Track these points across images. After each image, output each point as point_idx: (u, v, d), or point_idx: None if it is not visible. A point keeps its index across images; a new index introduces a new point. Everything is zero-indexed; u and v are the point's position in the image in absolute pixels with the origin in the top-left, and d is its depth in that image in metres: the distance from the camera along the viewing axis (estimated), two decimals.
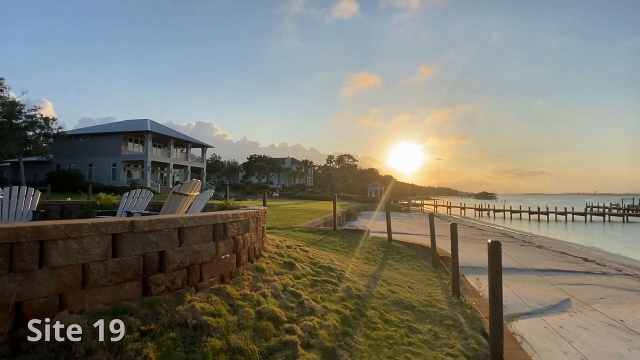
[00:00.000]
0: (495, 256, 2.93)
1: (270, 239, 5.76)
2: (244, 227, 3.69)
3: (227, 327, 2.57)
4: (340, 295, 3.88)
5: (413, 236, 17.99)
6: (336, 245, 7.80)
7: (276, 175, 75.38)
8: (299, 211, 21.97)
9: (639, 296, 10.01)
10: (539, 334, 6.70)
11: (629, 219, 43.22)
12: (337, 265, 5.14)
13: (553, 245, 20.05)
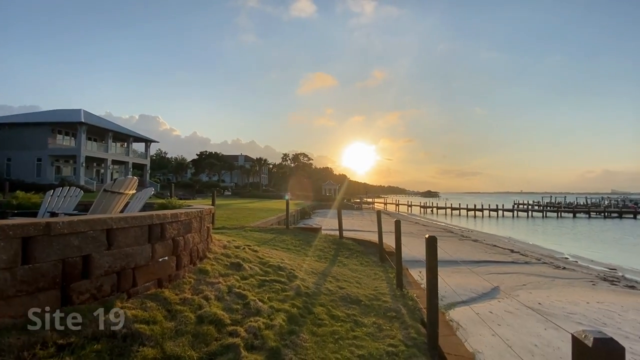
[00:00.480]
0: (431, 250, 3.13)
1: (218, 239, 5.54)
2: (185, 228, 3.48)
3: (162, 334, 2.40)
4: (289, 294, 3.86)
5: (364, 233, 18.62)
6: (288, 244, 7.76)
7: (228, 173, 72.81)
8: (251, 210, 21.47)
9: (553, 282, 11.46)
10: (472, 320, 7.32)
11: (547, 214, 49.73)
12: (288, 264, 5.11)
13: (486, 239, 22.19)
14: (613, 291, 10.41)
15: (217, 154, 73.69)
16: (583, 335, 1.00)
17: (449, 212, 52.67)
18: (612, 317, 7.70)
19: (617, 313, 8.01)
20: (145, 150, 43.98)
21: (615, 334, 6.71)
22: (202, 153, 71.60)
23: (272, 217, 17.02)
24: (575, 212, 50.21)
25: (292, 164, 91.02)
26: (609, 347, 0.95)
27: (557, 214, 49.54)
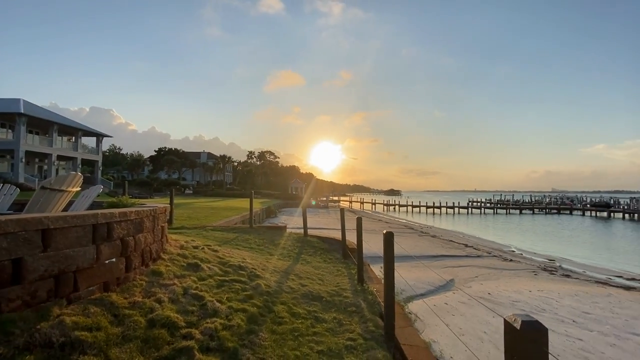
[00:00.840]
0: (388, 245, 3.24)
1: (174, 239, 5.28)
2: (136, 227, 3.27)
3: (107, 341, 2.23)
4: (249, 293, 3.78)
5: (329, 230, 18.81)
6: (251, 243, 7.61)
7: (190, 171, 69.84)
8: (214, 209, 20.78)
9: (501, 273, 12.39)
10: (429, 311, 7.69)
11: (498, 211, 53.77)
12: (249, 264, 5.01)
13: (443, 235, 23.47)
14: (552, 280, 11.50)
15: (178, 151, 70.34)
16: (513, 319, 1.08)
17: (410, 209, 54.96)
18: (550, 304, 8.50)
19: (554, 300, 8.85)
20: (97, 145, 40.75)
21: (552, 319, 7.43)
22: (161, 149, 67.92)
23: (236, 216, 16.60)
24: (521, 209, 54.92)
25: (258, 162, 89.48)
26: (534, 328, 1.04)
27: (506, 210, 53.83)
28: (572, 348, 5.94)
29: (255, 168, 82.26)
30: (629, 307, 8.26)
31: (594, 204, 51.91)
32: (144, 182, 52.90)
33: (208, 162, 70.89)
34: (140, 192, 40.84)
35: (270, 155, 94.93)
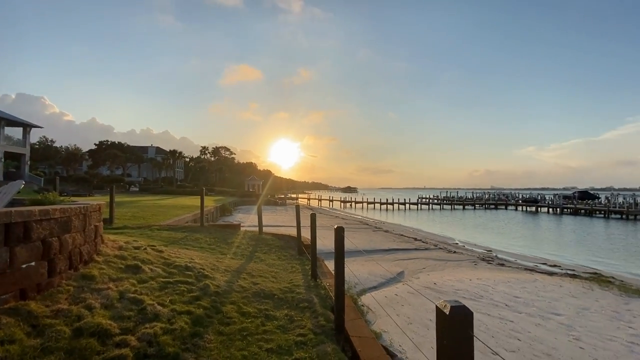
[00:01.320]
0: (339, 240, 3.28)
1: (113, 240, 4.83)
2: (62, 227, 2.92)
3: (22, 355, 1.96)
4: (196, 294, 3.59)
5: (286, 228, 18.70)
6: (201, 243, 7.27)
7: (136, 166, 64.84)
8: (163, 207, 19.54)
9: (446, 264, 13.32)
10: (381, 303, 7.99)
11: (444, 207, 57.83)
12: (198, 264, 4.76)
13: (395, 229, 24.61)
14: (489, 269, 12.62)
15: (122, 144, 64.86)
16: (443, 305, 1.13)
17: (365, 206, 56.80)
18: (487, 290, 9.32)
19: (490, 287, 9.72)
20: (24, 136, 35.98)
21: (488, 304, 8.16)
22: (103, 142, 62.07)
23: (187, 214, 15.76)
24: (464, 204, 59.73)
25: (213, 158, 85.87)
26: (461, 312, 1.10)
27: (451, 206, 58.15)
28: (504, 329, 6.58)
29: (209, 164, 78.85)
30: (551, 291, 9.37)
31: (525, 200, 58.24)
32: (82, 178, 47.95)
33: (157, 158, 66.37)
34: (78, 190, 36.97)
35: (225, 151, 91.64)
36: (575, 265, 14.22)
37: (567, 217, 41.16)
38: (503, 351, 5.56)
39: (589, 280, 10.88)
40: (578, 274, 12.07)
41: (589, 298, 8.73)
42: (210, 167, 77.39)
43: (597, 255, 17.08)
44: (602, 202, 46.66)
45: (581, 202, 48.69)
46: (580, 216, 41.57)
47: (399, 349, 5.46)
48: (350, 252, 13.88)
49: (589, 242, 21.61)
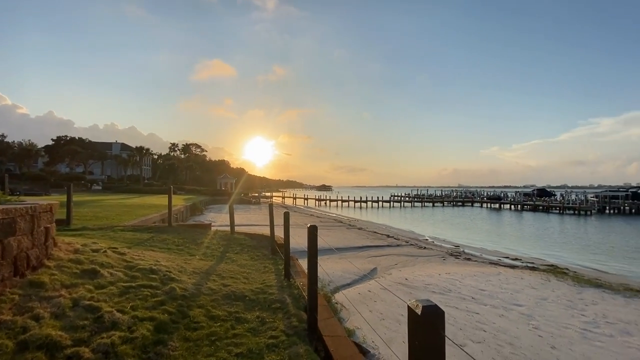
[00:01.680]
0: (312, 239, 3.22)
1: (69, 242, 4.46)
2: (4, 230, 2.62)
3: None
4: (161, 299, 3.39)
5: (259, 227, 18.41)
6: (169, 244, 6.94)
7: (99, 163, 61.15)
8: (128, 207, 18.55)
9: (417, 260, 13.69)
10: (354, 300, 8.05)
11: (415, 204, 59.71)
12: (164, 266, 4.52)
13: (369, 227, 25.02)
14: (457, 263, 13.14)
15: (83, 140, 60.87)
16: (415, 304, 1.10)
17: (340, 204, 57.33)
18: (454, 284, 9.68)
19: (458, 280, 10.11)
20: None
21: (456, 297, 8.47)
22: (62, 138, 57.89)
23: (155, 214, 15.04)
24: (434, 202, 62.10)
25: (183, 155, 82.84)
26: (433, 312, 1.07)
27: (421, 204, 60.20)
28: (471, 321, 6.85)
29: (179, 162, 75.97)
30: (513, 283, 9.90)
31: (489, 197, 61.52)
32: (37, 176, 44.45)
33: (122, 154, 62.92)
34: (32, 189, 34.22)
35: (196, 148, 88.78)
36: (534, 258, 15.17)
37: (527, 213, 43.96)
38: (470, 343, 5.78)
39: (547, 272, 11.63)
40: (537, 266, 12.87)
41: (547, 289, 9.32)
42: (180, 164, 74.57)
43: (553, 248, 18.34)
44: (558, 199, 50.24)
45: (539, 199, 52.14)
46: (538, 212, 44.56)
47: (372, 345, 5.51)
48: (325, 250, 13.92)
49: (546, 236, 23.17)
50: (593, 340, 5.95)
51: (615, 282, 10.51)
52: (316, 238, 3.22)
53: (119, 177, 61.23)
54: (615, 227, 28.79)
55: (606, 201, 45.10)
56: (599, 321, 6.86)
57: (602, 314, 7.27)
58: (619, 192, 48.43)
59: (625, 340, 5.96)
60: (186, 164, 76.81)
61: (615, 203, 44.70)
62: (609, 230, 26.59)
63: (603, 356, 5.36)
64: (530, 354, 5.38)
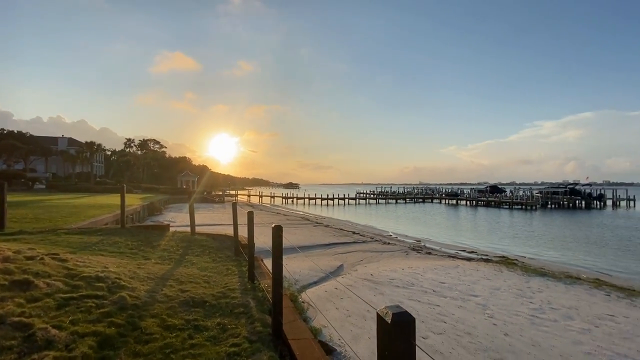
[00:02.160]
0: (277, 239, 3.08)
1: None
2: None
3: None
4: (107, 310, 3.06)
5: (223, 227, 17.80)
6: (121, 247, 6.40)
7: (43, 160, 55.51)
8: (77, 208, 16.99)
9: (381, 255, 14.01)
10: (321, 297, 8.01)
11: (379, 201, 61.44)
12: (113, 273, 4.12)
13: (335, 224, 25.23)
14: (419, 258, 13.65)
15: (24, 134, 54.90)
16: (385, 312, 1.02)
17: (307, 202, 57.31)
18: (417, 278, 10.02)
19: (420, 274, 10.48)
20: None
21: (419, 290, 8.76)
22: None
23: (107, 215, 13.91)
24: (397, 199, 64.34)
25: (140, 152, 77.81)
26: (403, 319, 1.00)
27: (385, 200, 62.06)
28: (432, 313, 7.11)
29: (135, 159, 71.26)
30: (470, 275, 10.47)
31: (447, 194, 65.04)
32: None
33: (69, 150, 57.67)
34: None
35: (155, 145, 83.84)
36: (488, 250, 16.22)
37: (481, 208, 47.09)
38: (432, 335, 5.98)
39: (499, 263, 12.46)
40: (490, 258, 13.76)
41: (499, 279, 9.97)
42: (136, 161, 69.96)
43: (504, 241, 19.76)
44: (508, 195, 54.36)
45: (491, 195, 56.05)
46: (491, 207, 47.91)
47: (339, 343, 5.50)
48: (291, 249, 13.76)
49: (497, 230, 24.92)
50: (540, 325, 6.44)
51: (557, 271, 11.53)
52: (281, 238, 3.09)
53: (66, 175, 56.08)
54: (556, 220, 31.74)
55: (548, 197, 49.61)
56: (545, 307, 7.45)
57: (547, 301, 7.90)
58: (558, 189, 53.50)
59: (568, 324, 6.52)
60: (143, 161, 72.31)
61: (556, 198, 49.34)
62: (551, 223, 29.24)
63: (548, 340, 5.81)
64: (486, 341, 5.68)
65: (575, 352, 5.34)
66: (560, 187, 55.92)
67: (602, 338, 5.91)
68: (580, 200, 49.81)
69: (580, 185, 55.47)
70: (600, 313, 7.18)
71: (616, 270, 12.84)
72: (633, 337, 5.99)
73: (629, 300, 8.18)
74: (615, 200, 51.42)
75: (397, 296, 8.05)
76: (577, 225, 28.07)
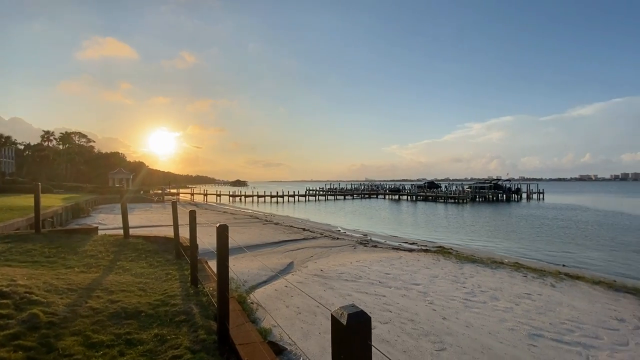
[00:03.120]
0: (222, 239, 2.88)
1: None
2: None
3: None
4: (13, 331, 2.57)
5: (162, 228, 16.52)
6: (35, 255, 5.51)
7: None
8: None
9: (330, 250, 14.25)
10: (271, 297, 7.83)
11: (328, 197, 62.63)
12: (22, 286, 3.49)
13: (286, 221, 25.04)
14: (365, 251, 14.16)
15: None
16: (340, 313, 0.96)
17: (256, 199, 55.96)
18: (364, 271, 10.37)
19: (367, 267, 10.87)
20: None
21: (366, 283, 9.07)
22: None
23: (19, 218, 11.95)
24: (345, 195, 66.21)
25: (61, 146, 68.50)
26: (360, 319, 0.95)
27: (334, 197, 63.49)
28: (378, 304, 7.40)
29: (56, 154, 62.62)
30: (412, 265, 11.15)
31: (391, 190, 68.81)
32: None
33: None
34: None
35: (81, 138, 74.64)
36: (427, 241, 17.49)
37: (420, 202, 50.81)
38: (379, 324, 6.21)
39: (437, 253, 13.50)
40: (429, 248, 14.84)
41: (437, 267, 10.79)
42: (57, 157, 61.45)
43: (440, 232, 21.51)
44: (443, 190, 59.46)
45: (429, 190, 60.78)
46: (429, 202, 51.96)
47: (289, 341, 5.42)
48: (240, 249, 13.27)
49: (434, 222, 27.06)
50: (472, 307, 7.09)
51: (485, 257, 12.86)
52: (227, 238, 2.89)
53: None
54: (483, 212, 35.54)
55: (476, 191, 55.41)
56: (475, 291, 8.24)
57: (477, 285, 8.75)
58: (484, 184, 60.19)
59: (494, 304, 7.29)
60: (66, 156, 63.83)
61: (482, 193, 55.37)
62: (479, 215, 32.62)
63: (479, 320, 6.43)
64: (427, 327, 6.08)
65: (501, 329, 5.98)
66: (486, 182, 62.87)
67: (522, 314, 6.72)
68: (502, 193, 56.72)
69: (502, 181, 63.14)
70: (520, 292, 8.16)
71: (530, 253, 14.81)
72: (546, 311, 6.92)
73: (541, 280, 9.45)
74: (529, 194, 59.69)
75: (346, 290, 8.22)
76: (499, 215, 31.76)
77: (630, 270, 12.12)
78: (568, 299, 7.85)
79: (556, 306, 7.28)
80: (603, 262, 13.37)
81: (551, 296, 7.97)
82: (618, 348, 5.49)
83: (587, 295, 8.26)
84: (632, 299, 8.21)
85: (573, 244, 17.31)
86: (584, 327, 6.21)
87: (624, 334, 6.03)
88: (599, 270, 11.97)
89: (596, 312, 7.05)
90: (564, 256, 14.39)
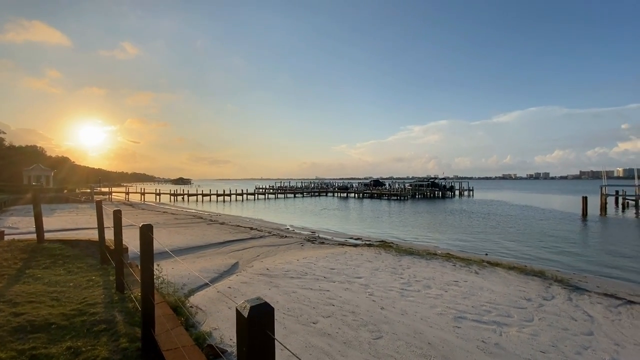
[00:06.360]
0: (145, 240, 2.69)
1: None
2: None
3: None
4: None
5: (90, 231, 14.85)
6: None
7: None
8: None
9: (278, 249, 14.15)
10: (213, 299, 7.53)
11: (278, 195, 62.13)
12: None
13: (232, 221, 24.23)
14: (313, 248, 14.34)
15: None
16: (243, 306, 0.97)
17: (200, 198, 53.19)
18: (310, 267, 10.51)
19: (313, 263, 11.02)
20: None
21: (312, 279, 9.19)
22: None
23: None
24: (295, 193, 66.27)
25: None
26: (260, 311, 0.96)
27: (284, 195, 63.15)
28: (322, 298, 7.56)
29: None
30: (355, 259, 11.58)
31: (339, 187, 70.74)
32: None
33: None
34: None
35: None
36: (371, 236, 18.32)
37: (367, 199, 53.08)
38: (321, 319, 6.36)
39: (379, 247, 14.21)
40: (372, 243, 15.56)
41: (378, 261, 11.38)
42: None
43: (383, 227, 22.69)
44: (387, 188, 62.84)
45: (375, 188, 63.80)
46: (374, 199, 54.50)
47: (230, 343, 5.27)
48: (179, 250, 12.50)
49: (379, 217, 28.47)
50: (407, 296, 7.62)
51: (421, 249, 13.89)
52: (151, 238, 2.70)
53: None
54: (421, 208, 38.33)
55: (416, 189, 59.69)
56: (411, 281, 8.86)
57: (413, 275, 9.42)
58: (423, 182, 65.10)
59: (427, 292, 7.91)
60: None
61: (421, 190, 59.89)
62: (418, 210, 35.11)
63: (413, 307, 6.93)
64: (366, 317, 6.38)
65: (431, 315, 6.53)
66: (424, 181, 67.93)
67: (450, 300, 7.40)
68: (438, 190, 61.98)
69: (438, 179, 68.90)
70: (449, 280, 8.98)
71: (460, 243, 16.38)
72: (469, 296, 7.72)
73: (467, 268, 10.50)
74: (461, 191, 65.92)
75: (291, 287, 8.25)
76: (436, 210, 34.55)
77: (539, 255, 14.10)
78: (488, 283, 8.84)
79: (478, 290, 8.16)
80: (517, 249, 15.34)
81: (475, 282, 8.90)
82: (525, 324, 6.35)
83: (503, 279, 9.39)
84: (539, 280, 9.55)
85: (494, 234, 19.58)
86: (499, 307, 7.06)
87: (530, 311, 6.99)
88: (515, 257, 13.72)
89: (509, 293, 8.06)
90: (487, 246, 16.19)
